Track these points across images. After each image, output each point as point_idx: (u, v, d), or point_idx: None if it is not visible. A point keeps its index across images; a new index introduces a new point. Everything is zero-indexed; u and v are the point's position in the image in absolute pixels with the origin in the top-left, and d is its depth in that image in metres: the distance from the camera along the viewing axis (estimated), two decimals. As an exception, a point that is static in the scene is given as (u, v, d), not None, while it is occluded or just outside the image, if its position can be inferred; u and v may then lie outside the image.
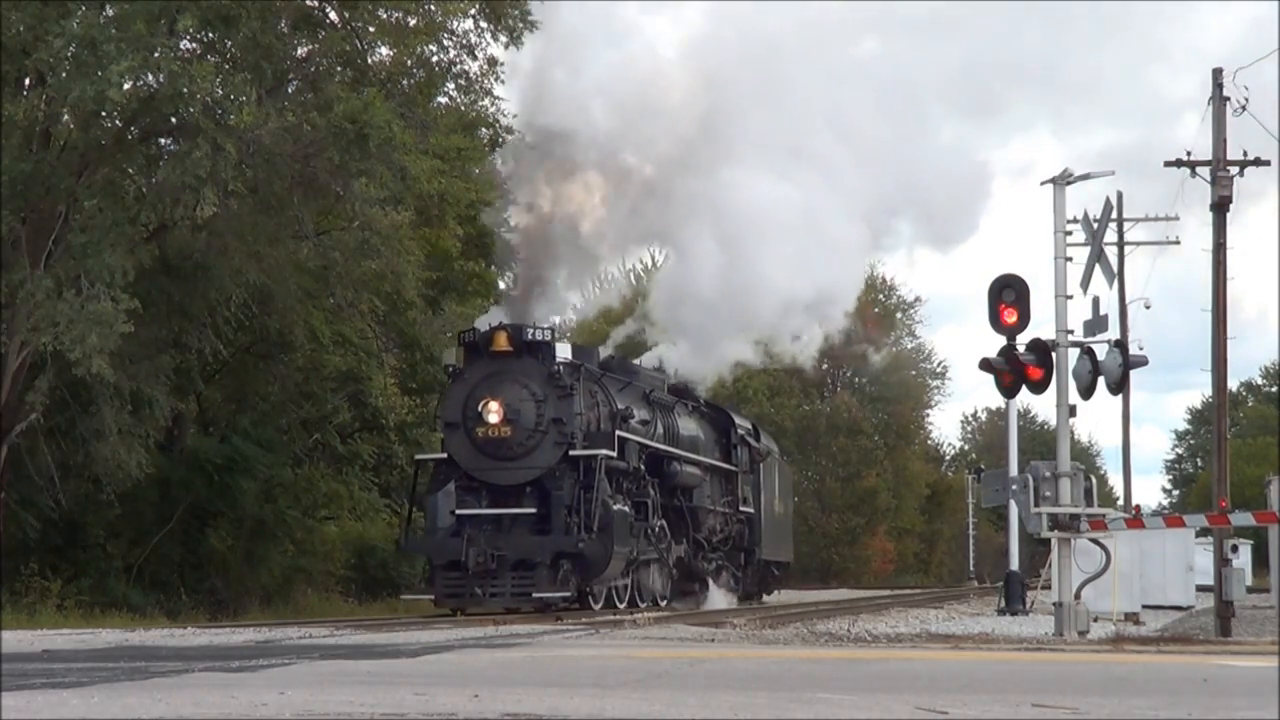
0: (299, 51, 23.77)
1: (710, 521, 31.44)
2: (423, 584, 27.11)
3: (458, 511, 24.88)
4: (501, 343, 25.15)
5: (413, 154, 22.61)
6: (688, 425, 31.06)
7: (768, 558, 36.01)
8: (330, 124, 21.63)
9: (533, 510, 24.74)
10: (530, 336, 25.33)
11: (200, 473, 28.98)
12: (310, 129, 22.44)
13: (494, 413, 24.81)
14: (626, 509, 25.54)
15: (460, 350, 26.00)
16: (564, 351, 25.66)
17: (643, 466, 27.16)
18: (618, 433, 26.06)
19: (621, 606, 25.90)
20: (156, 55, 21.20)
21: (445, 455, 25.61)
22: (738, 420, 34.66)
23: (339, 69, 23.00)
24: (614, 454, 25.47)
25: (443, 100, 28.79)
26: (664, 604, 28.16)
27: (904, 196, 33.21)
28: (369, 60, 23.12)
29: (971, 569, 76.37)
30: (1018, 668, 11.53)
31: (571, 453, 24.97)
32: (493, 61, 25.20)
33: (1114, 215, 36.22)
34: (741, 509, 33.41)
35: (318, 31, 23.27)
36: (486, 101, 27.99)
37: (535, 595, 23.80)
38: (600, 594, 25.64)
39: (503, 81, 26.40)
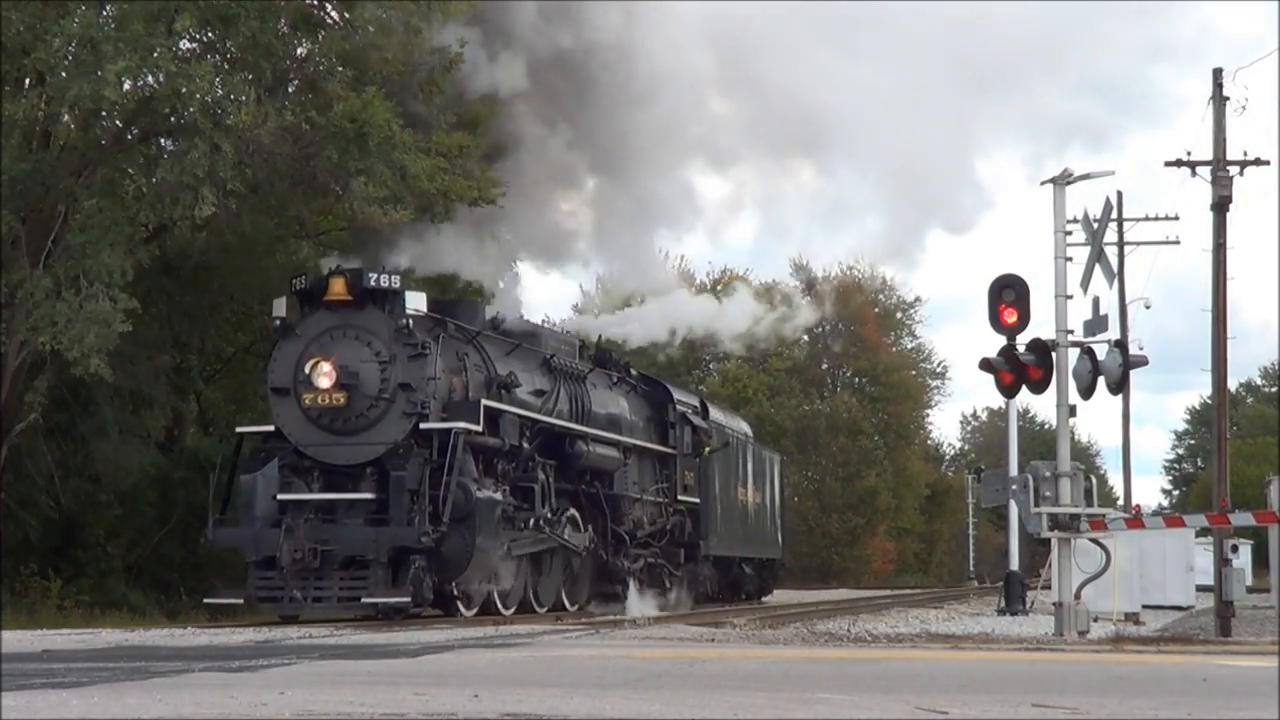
0: (299, 51, 23.76)
1: (636, 512, 27.56)
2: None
3: (280, 496, 20.63)
4: (338, 290, 21.02)
5: (412, 153, 22.59)
6: (607, 399, 27.03)
7: (723, 553, 32.33)
8: (330, 123, 21.63)
9: (371, 496, 20.59)
10: (374, 282, 21.02)
11: (200, 473, 28.95)
12: (309, 128, 22.43)
13: (325, 376, 20.68)
14: (498, 496, 21.35)
15: (292, 301, 21.67)
16: (417, 302, 21.29)
17: (528, 444, 22.94)
18: (485, 402, 21.68)
19: (508, 613, 22.29)
20: (156, 55, 21.21)
21: (272, 428, 21.34)
22: (678, 396, 30.50)
23: (340, 69, 22.97)
24: (478, 428, 21.15)
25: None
26: (574, 608, 24.80)
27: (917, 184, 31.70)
28: (369, 58, 23.05)
29: (971, 569, 76.38)
30: (1018, 668, 11.52)
31: (423, 426, 20.74)
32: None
33: (1114, 215, 36.27)
34: (682, 498, 29.47)
35: (317, 31, 23.25)
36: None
37: (365, 599, 19.97)
38: (476, 597, 21.76)
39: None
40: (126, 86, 21.89)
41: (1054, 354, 19.02)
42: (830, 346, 76.43)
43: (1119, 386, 19.41)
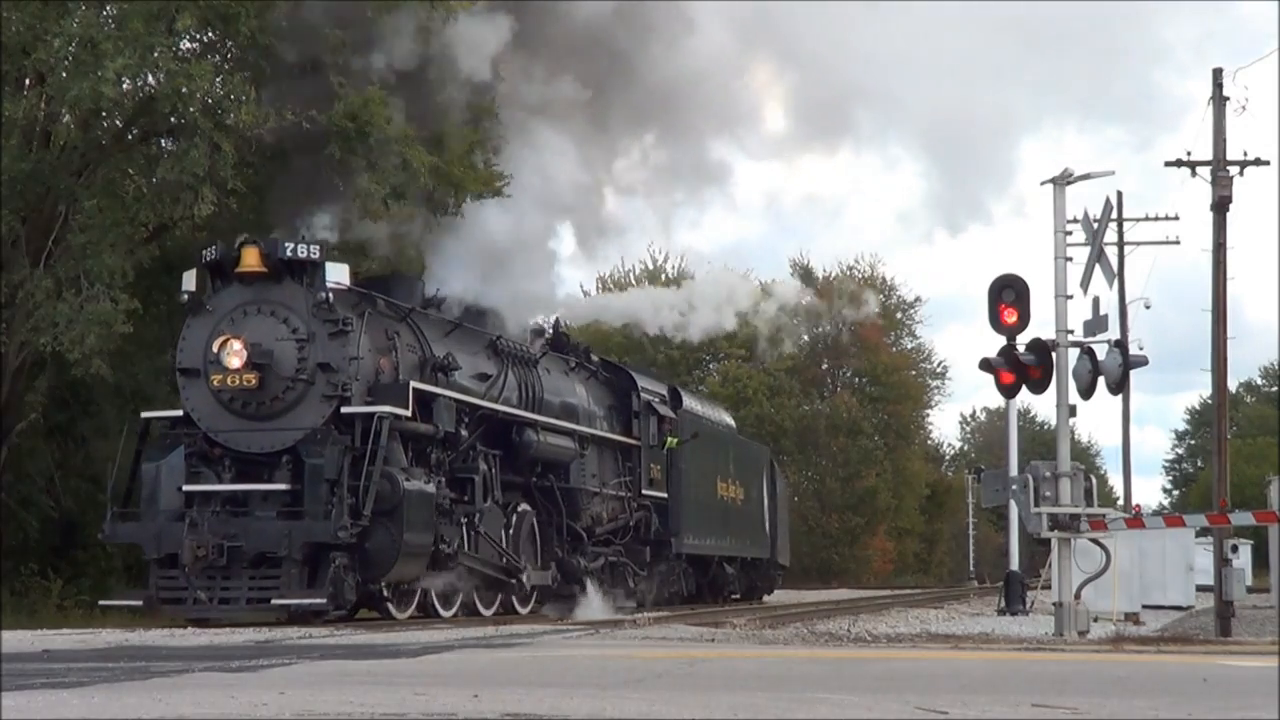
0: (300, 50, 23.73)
1: (594, 507, 25.87)
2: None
3: (185, 488, 19.06)
4: (251, 261, 19.33)
5: (414, 146, 22.54)
6: (562, 386, 25.36)
7: (698, 551, 30.75)
8: (331, 121, 21.61)
9: (285, 487, 18.91)
10: (291, 253, 19.30)
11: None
12: (309, 127, 22.41)
13: (236, 355, 19.06)
14: (430, 488, 19.76)
15: (202, 274, 19.87)
16: (338, 274, 19.64)
17: (466, 432, 21.28)
18: (415, 385, 20.08)
19: (448, 614, 20.81)
20: (156, 54, 21.21)
21: (180, 413, 19.69)
22: (643, 384, 28.65)
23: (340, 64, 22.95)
24: (406, 412, 19.59)
25: None
26: (525, 610, 23.17)
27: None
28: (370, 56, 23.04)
29: (971, 569, 76.39)
30: (1018, 668, 11.52)
31: (345, 410, 19.16)
32: None
33: (1114, 215, 36.26)
34: (648, 493, 27.81)
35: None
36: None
37: (276, 600, 18.36)
38: (411, 598, 20.30)
39: None
40: (126, 86, 21.90)
41: (1054, 354, 19.03)
42: (833, 344, 76.39)
43: (1119, 386, 19.41)
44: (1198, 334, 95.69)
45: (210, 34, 22.92)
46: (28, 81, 23.39)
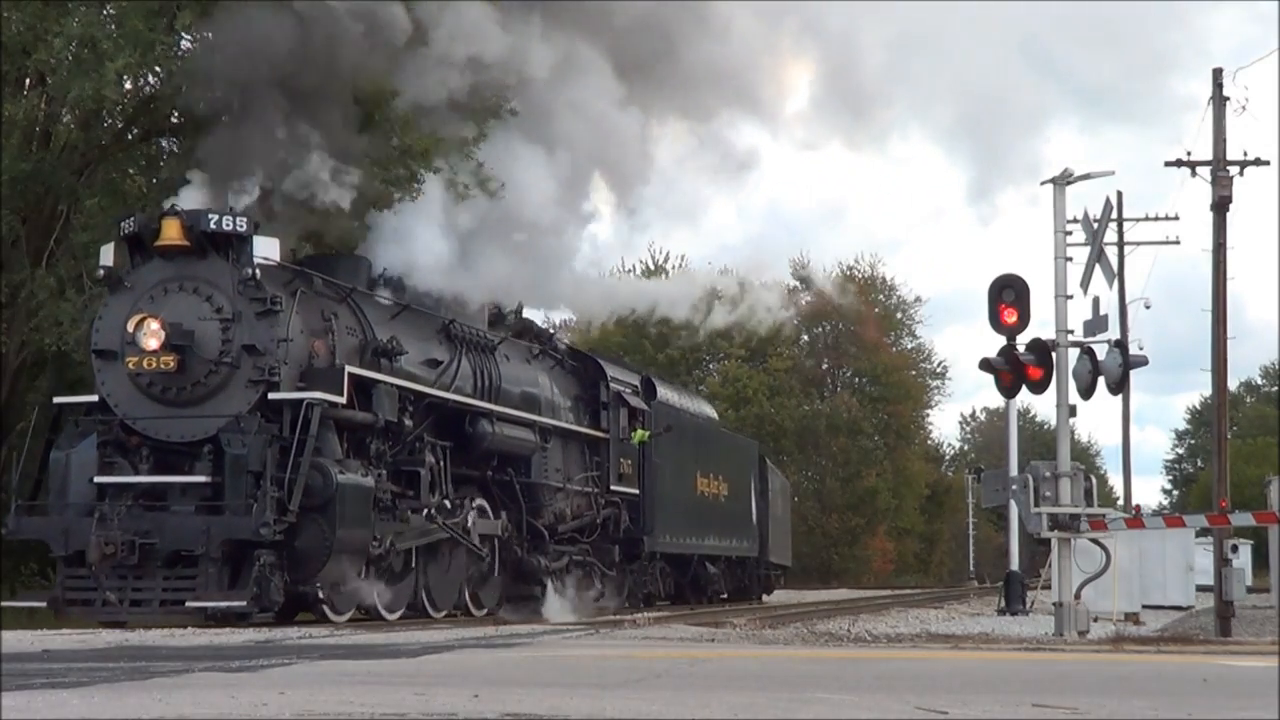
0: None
1: (558, 504, 24.54)
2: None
3: (97, 479, 17.79)
4: (173, 234, 17.91)
5: (414, 133, 22.44)
6: (522, 375, 23.88)
7: (674, 550, 29.57)
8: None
9: (205, 479, 17.61)
10: (215, 226, 17.92)
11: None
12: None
13: (153, 336, 17.73)
14: (368, 481, 18.45)
15: (121, 248, 18.53)
16: (267, 249, 18.17)
17: (411, 421, 20.01)
18: (351, 369, 18.72)
19: (392, 617, 19.49)
20: (156, 53, 21.22)
21: (96, 399, 18.36)
22: (612, 373, 27.15)
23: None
24: (341, 399, 18.32)
25: None
26: (481, 613, 21.99)
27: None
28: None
29: (971, 569, 76.44)
30: (1018, 668, 11.52)
31: (272, 396, 17.88)
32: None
33: (1114, 215, 36.27)
34: (617, 488, 26.50)
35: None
36: None
37: (191, 603, 17.04)
38: (349, 599, 18.83)
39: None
40: (127, 85, 21.91)
41: (1054, 354, 19.03)
42: (832, 345, 76.41)
43: (1119, 386, 19.42)
44: (1198, 334, 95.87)
45: (210, 32, 22.88)
46: (28, 81, 23.41)
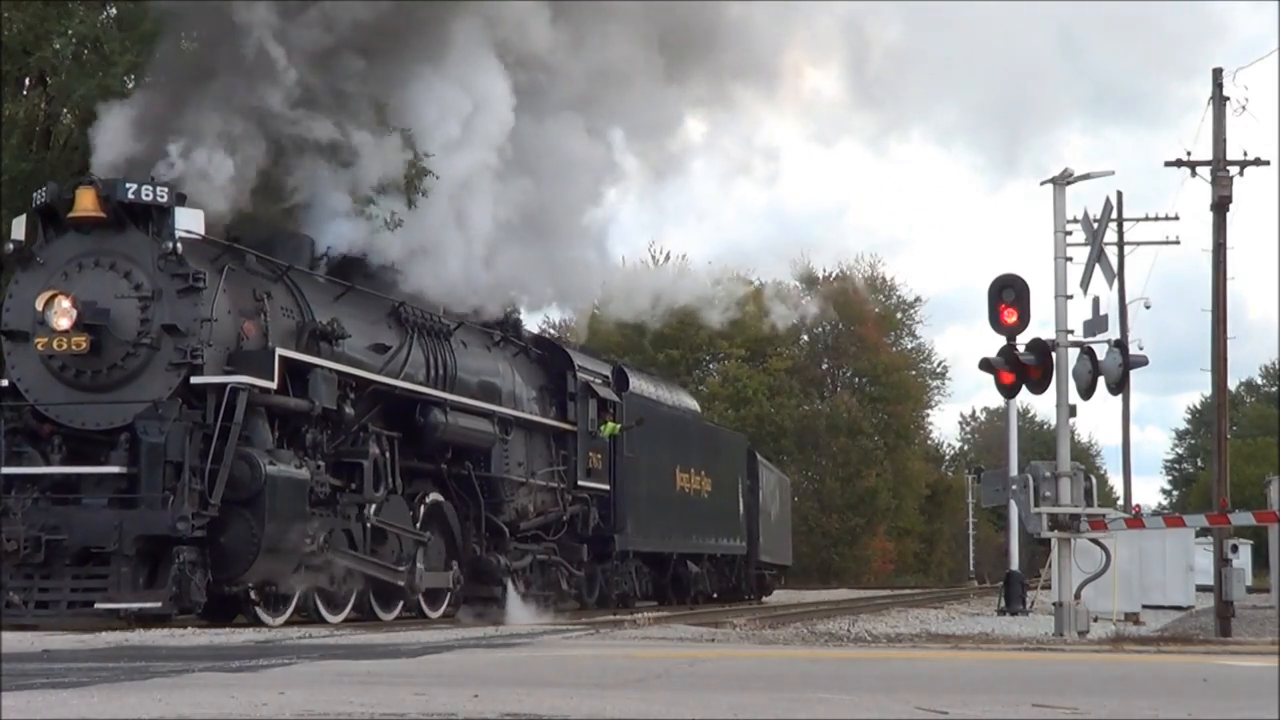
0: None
1: (520, 499, 23.26)
2: None
3: (4, 470, 16.53)
4: (88, 205, 16.71)
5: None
6: (481, 363, 22.62)
7: (649, 548, 28.38)
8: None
9: (120, 470, 16.37)
10: (134, 196, 16.68)
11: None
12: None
13: (64, 315, 16.52)
14: (303, 473, 17.26)
15: (34, 221, 17.33)
16: (191, 221, 16.94)
17: (352, 409, 18.63)
18: (283, 352, 17.44)
19: (335, 619, 18.32)
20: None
21: (5, 383, 17.20)
22: (580, 362, 25.87)
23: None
24: (271, 384, 17.10)
25: None
26: (436, 614, 20.86)
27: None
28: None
29: (971, 569, 76.48)
30: (1018, 668, 11.52)
31: (195, 380, 16.65)
32: None
33: (1114, 215, 36.27)
34: (585, 483, 25.30)
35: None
36: None
37: (101, 604, 15.82)
38: (287, 601, 17.65)
39: None
40: (130, 86, 21.89)
41: (1054, 354, 19.03)
42: (830, 345, 76.43)
43: (1119, 386, 19.42)
44: (1198, 334, 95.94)
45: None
46: (28, 81, 23.39)
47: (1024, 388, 19.47)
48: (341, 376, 18.56)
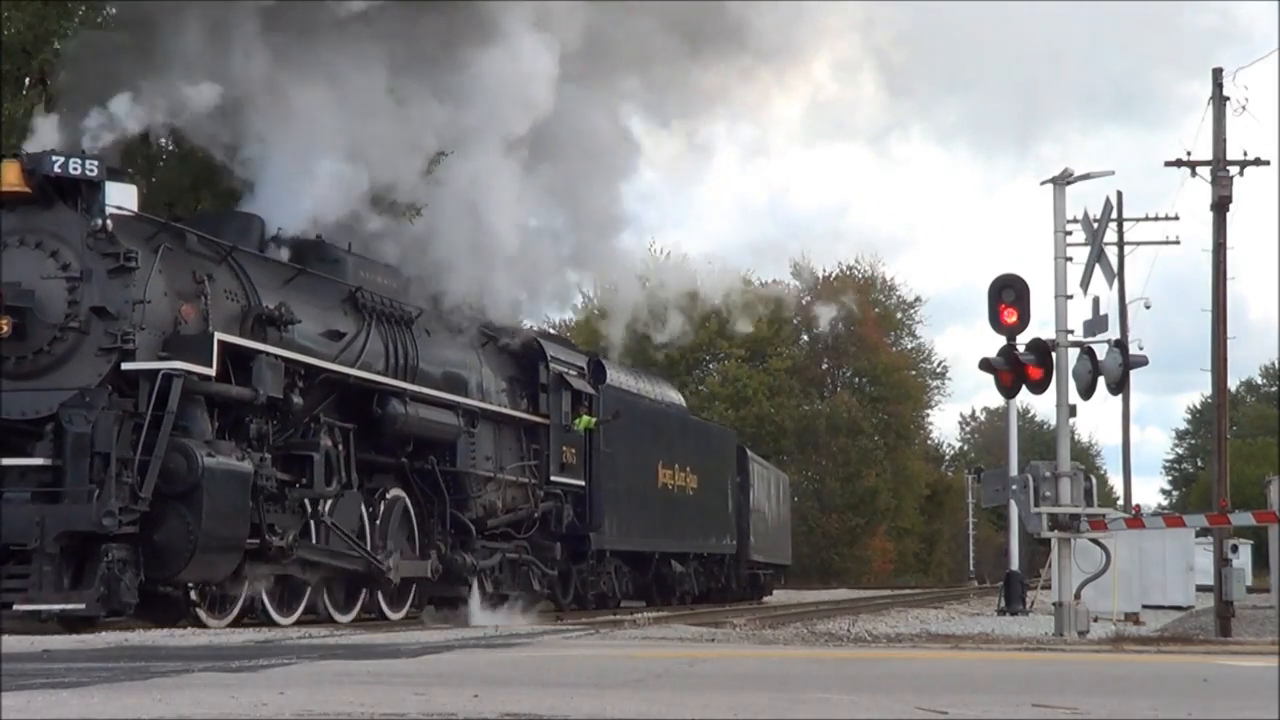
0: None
1: (488, 495, 22.30)
2: None
3: None
4: (12, 180, 15.75)
5: None
6: (446, 352, 21.62)
7: (628, 547, 27.37)
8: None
9: (45, 462, 15.40)
10: (61, 169, 15.73)
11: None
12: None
13: None
14: (245, 465, 16.25)
15: None
16: (123, 197, 16.13)
17: (300, 399, 17.62)
18: (223, 337, 16.37)
19: (286, 621, 17.47)
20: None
21: None
22: (554, 353, 24.79)
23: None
24: (209, 370, 16.03)
25: None
26: (398, 615, 20.15)
27: None
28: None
29: (971, 569, 76.48)
30: (1018, 668, 11.52)
31: (126, 366, 15.68)
32: None
33: (1114, 215, 36.28)
34: (559, 479, 24.28)
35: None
36: None
37: (19, 606, 14.99)
38: (233, 601, 16.82)
39: None
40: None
41: (1054, 354, 19.03)
42: (830, 345, 76.47)
43: (1119, 386, 19.43)
44: (1198, 334, 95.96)
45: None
46: (28, 81, 23.41)
47: (1024, 388, 19.48)
48: (289, 364, 17.51)
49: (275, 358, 17.21)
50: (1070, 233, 20.85)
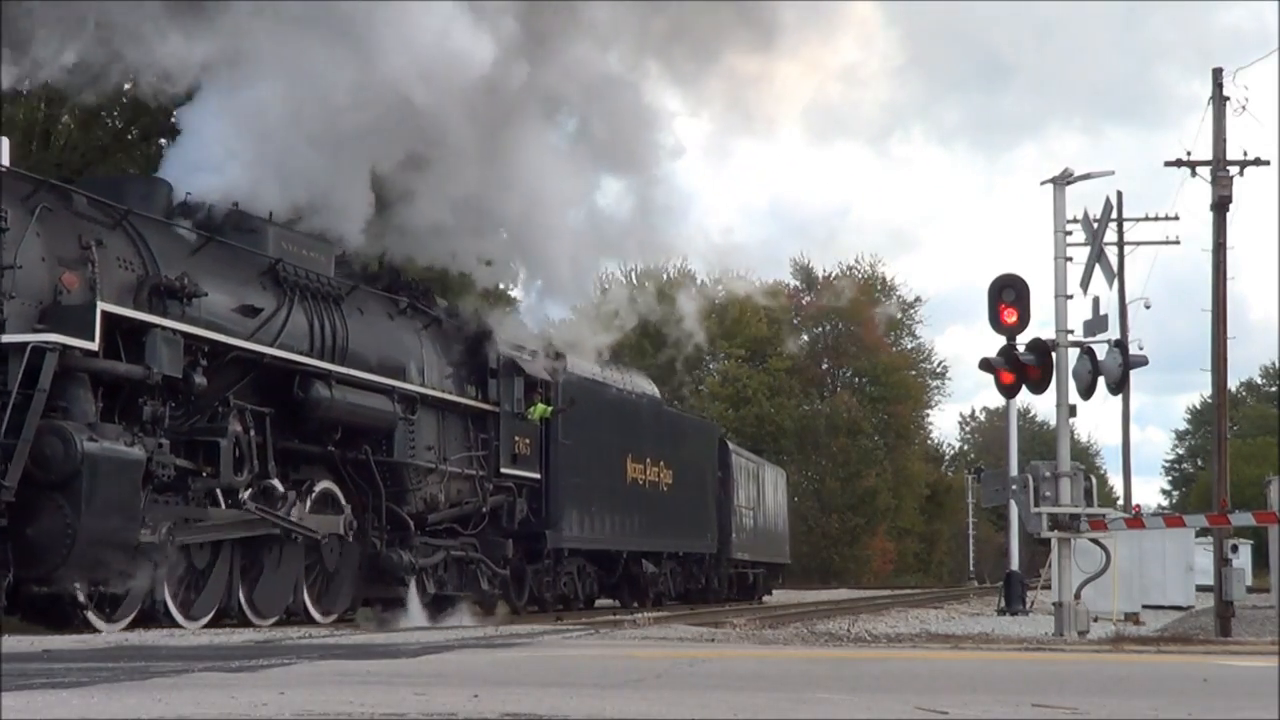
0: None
1: (429, 488, 20.76)
2: None
3: None
4: None
5: None
6: (380, 332, 20.08)
7: (590, 546, 25.77)
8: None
9: None
10: None
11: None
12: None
13: None
14: (135, 452, 14.63)
15: None
16: None
17: (203, 379, 15.89)
18: (107, 308, 14.75)
19: (192, 626, 15.80)
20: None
21: None
22: (505, 335, 23.05)
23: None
24: (91, 345, 14.45)
25: None
26: (328, 619, 18.57)
27: None
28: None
29: (971, 569, 76.48)
30: (1018, 668, 11.51)
31: None
32: None
33: (1114, 215, 36.29)
34: (511, 471, 22.75)
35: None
36: None
37: None
38: (128, 602, 15.20)
39: None
40: (127, 85, 21.91)
41: (1054, 354, 19.03)
42: (830, 345, 76.51)
43: (1119, 386, 19.44)
44: (1198, 334, 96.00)
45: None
46: (28, 81, 23.41)
47: (1024, 388, 19.48)
48: (191, 340, 15.85)
49: (174, 333, 15.55)
50: (1070, 233, 20.85)
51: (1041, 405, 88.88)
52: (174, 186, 17.70)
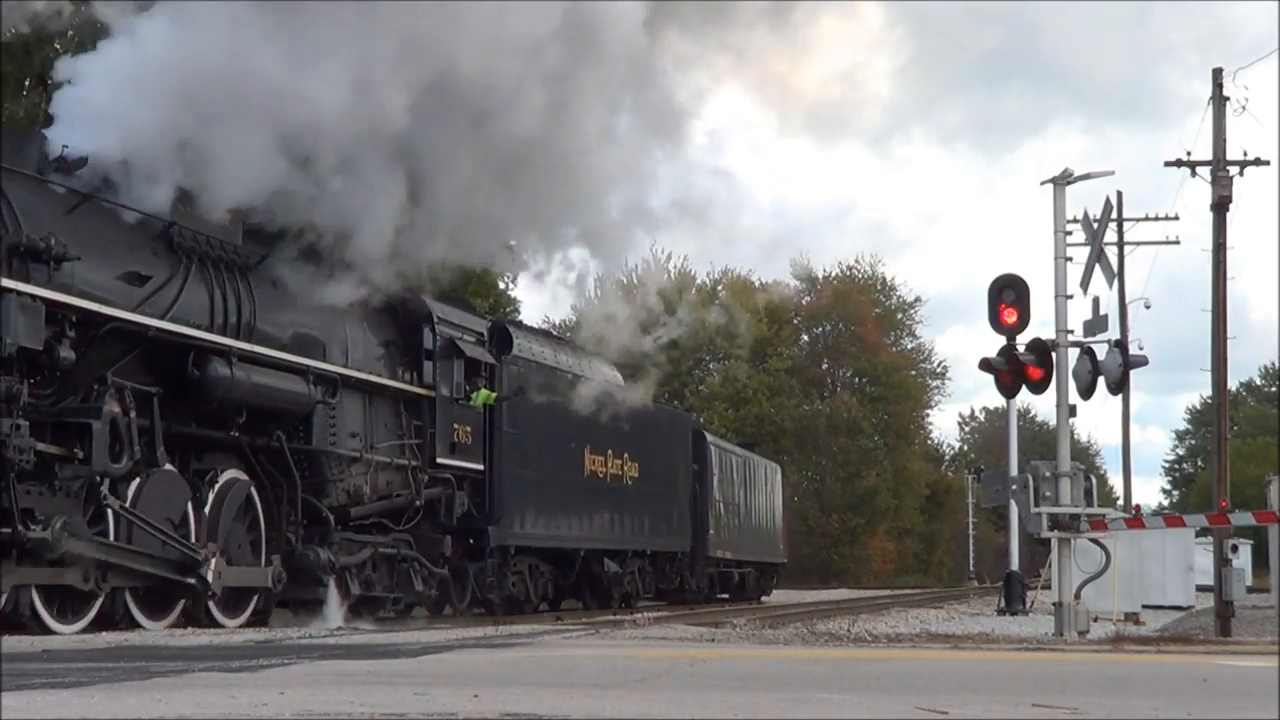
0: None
1: (354, 479, 19.05)
2: None
3: None
4: None
5: None
6: (298, 307, 18.23)
7: (542, 544, 23.97)
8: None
9: None
10: None
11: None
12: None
13: None
14: None
15: None
16: None
17: (71, 353, 14.23)
18: None
19: (68, 630, 14.40)
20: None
21: None
22: (442, 314, 21.23)
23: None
24: None
25: None
26: (235, 622, 16.82)
27: None
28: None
29: (971, 569, 76.49)
30: (1018, 668, 11.52)
31: None
32: None
33: (1114, 215, 36.29)
34: (448, 461, 21.00)
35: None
36: None
37: None
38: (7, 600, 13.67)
39: None
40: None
41: (1054, 354, 19.03)
42: (830, 345, 76.53)
43: (1119, 386, 19.44)
44: (1198, 334, 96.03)
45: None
46: (28, 81, 23.41)
47: (1024, 388, 19.48)
48: (55, 308, 14.08)
49: (32, 298, 13.75)
50: (1070, 233, 20.84)
51: (1041, 405, 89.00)
52: (48, 139, 15.59)
